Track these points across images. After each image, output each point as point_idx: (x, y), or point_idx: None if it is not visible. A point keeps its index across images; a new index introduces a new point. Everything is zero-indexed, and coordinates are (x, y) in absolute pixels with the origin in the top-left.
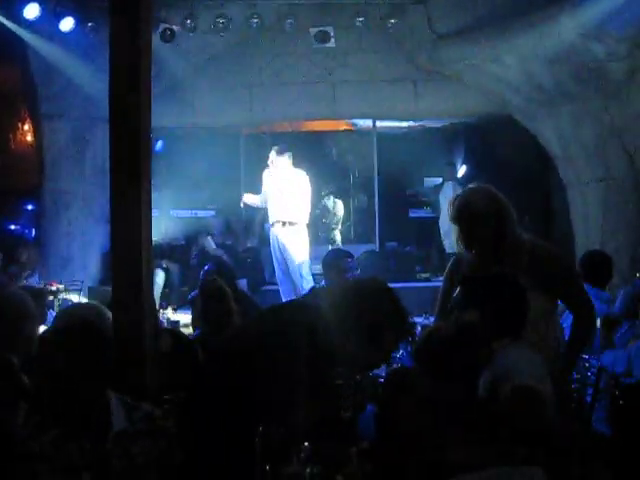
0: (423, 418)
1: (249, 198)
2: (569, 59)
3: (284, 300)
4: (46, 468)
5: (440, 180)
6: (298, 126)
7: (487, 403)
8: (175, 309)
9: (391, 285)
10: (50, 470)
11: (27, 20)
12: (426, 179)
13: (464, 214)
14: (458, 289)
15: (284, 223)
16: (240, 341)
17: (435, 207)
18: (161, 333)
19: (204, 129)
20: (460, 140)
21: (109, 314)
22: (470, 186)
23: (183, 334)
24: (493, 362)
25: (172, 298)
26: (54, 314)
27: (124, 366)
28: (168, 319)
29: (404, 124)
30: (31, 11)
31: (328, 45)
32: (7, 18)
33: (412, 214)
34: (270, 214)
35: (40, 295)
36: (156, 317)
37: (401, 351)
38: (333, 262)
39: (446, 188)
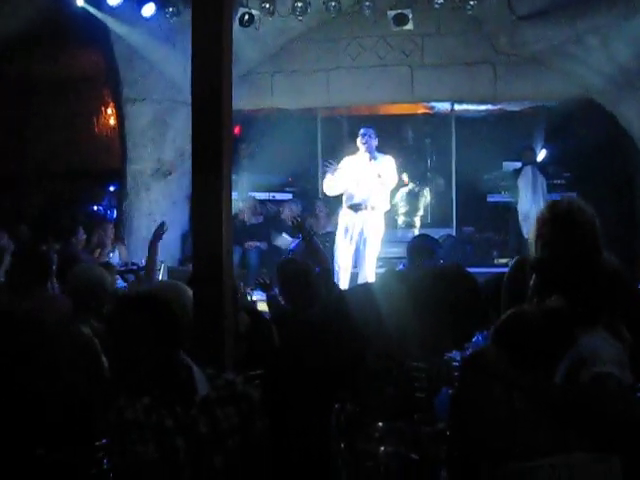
0: (500, 401)
1: (332, 188)
2: None
3: (357, 282)
4: (141, 435)
5: (519, 164)
6: (375, 109)
7: (566, 389)
8: (252, 289)
9: (468, 270)
10: (145, 436)
11: (110, 6)
12: (505, 163)
13: (570, 216)
14: (534, 276)
15: (367, 207)
16: (318, 322)
17: (513, 192)
18: (240, 311)
19: (282, 112)
20: (540, 124)
21: (189, 291)
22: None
23: (261, 314)
24: (573, 348)
25: (249, 279)
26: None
27: (204, 342)
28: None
29: (482, 107)
30: None
31: (406, 28)
32: (91, 5)
33: (490, 198)
34: (351, 196)
35: (109, 269)
36: (236, 296)
37: (477, 336)
38: (424, 248)
39: (525, 172)
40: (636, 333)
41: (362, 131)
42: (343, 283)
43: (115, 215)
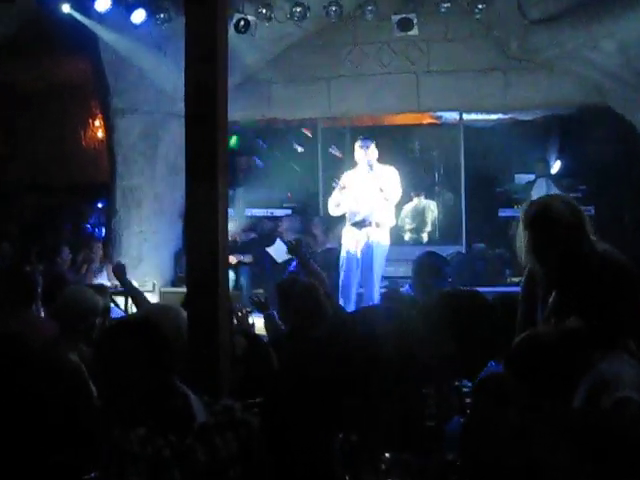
0: (514, 427)
1: (337, 208)
2: None
3: (362, 304)
4: (136, 467)
5: (532, 177)
6: (379, 120)
7: (586, 413)
8: (250, 311)
9: (479, 289)
10: (140, 469)
11: (98, 13)
12: (517, 176)
13: (541, 218)
14: (553, 295)
15: (371, 224)
16: (324, 345)
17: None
18: (236, 334)
19: (280, 123)
20: (554, 133)
21: (183, 313)
22: (548, 195)
23: (258, 337)
24: (593, 370)
25: (243, 300)
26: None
27: (199, 364)
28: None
29: (493, 117)
30: (102, 3)
31: (411, 33)
32: (78, 11)
33: (502, 213)
34: (354, 214)
35: (102, 292)
36: (231, 316)
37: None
38: (431, 267)
39: (539, 185)
40: None
41: (359, 143)
42: (347, 303)
43: (104, 233)
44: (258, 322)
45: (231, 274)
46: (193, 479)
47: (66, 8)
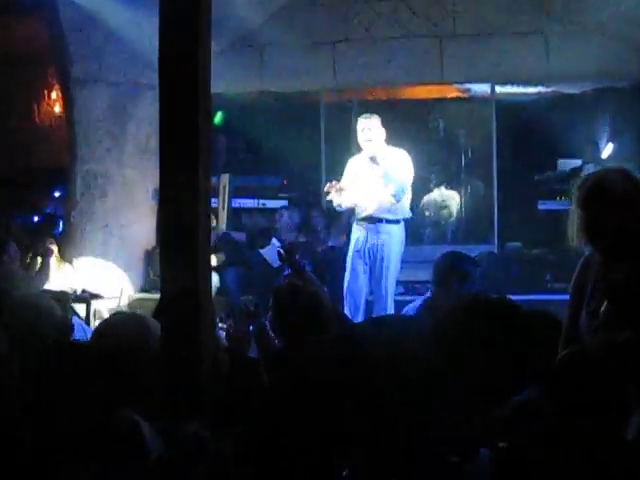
0: (553, 465)
1: (340, 205)
2: None
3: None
4: None
5: (579, 162)
6: (394, 93)
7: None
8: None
9: (513, 297)
10: None
11: None
12: (560, 161)
13: (597, 195)
14: (605, 304)
15: (380, 220)
16: (326, 363)
17: (572, 197)
18: (218, 353)
19: (275, 96)
20: (605, 110)
21: (151, 323)
22: (605, 167)
23: (244, 354)
24: None
25: (228, 307)
26: (81, 322)
27: (173, 384)
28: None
29: (532, 90)
30: None
31: None
32: None
33: (542, 206)
34: (361, 208)
35: (62, 300)
36: (215, 334)
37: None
38: (455, 270)
39: (587, 172)
40: None
41: (361, 123)
42: (355, 313)
43: (61, 227)
44: None
45: (214, 277)
46: None
47: None
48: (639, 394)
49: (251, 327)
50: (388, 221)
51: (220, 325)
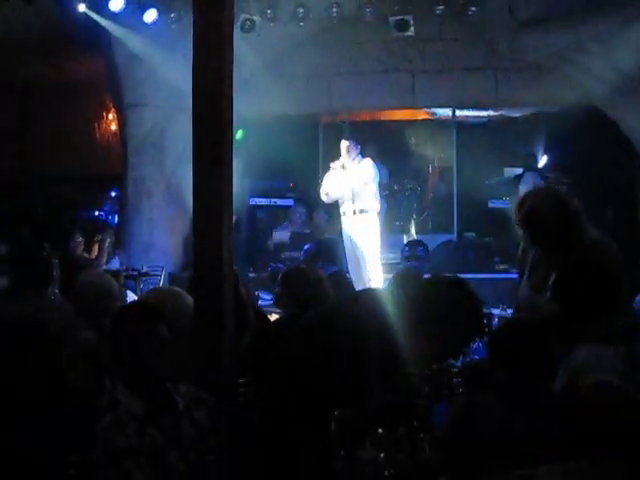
0: (497, 411)
1: (327, 194)
2: None
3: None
4: (136, 462)
5: (520, 170)
6: (377, 115)
7: (565, 397)
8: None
9: (469, 276)
10: (140, 462)
11: (112, 12)
12: (506, 169)
13: (530, 220)
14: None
15: (354, 212)
16: (317, 326)
17: (514, 198)
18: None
19: (283, 118)
20: (541, 130)
21: (186, 297)
22: (536, 188)
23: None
24: (572, 355)
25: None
26: (133, 296)
27: (204, 343)
28: None
29: (484, 113)
30: (116, 3)
31: (408, 34)
32: (92, 10)
33: (491, 204)
34: (342, 204)
35: (117, 277)
36: (239, 291)
37: (477, 342)
38: (407, 251)
39: (526, 178)
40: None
41: (344, 140)
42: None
43: (116, 221)
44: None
45: None
46: (185, 453)
47: (82, 7)
48: (564, 355)
49: None
50: (362, 211)
51: None
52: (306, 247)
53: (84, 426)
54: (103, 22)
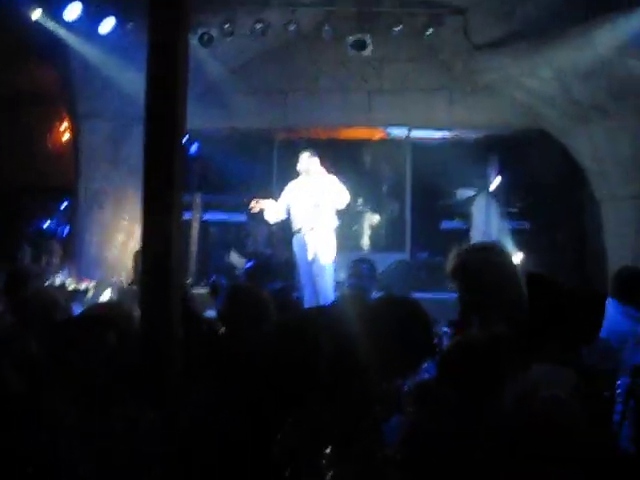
0: (447, 430)
1: (271, 213)
2: (606, 74)
3: (306, 306)
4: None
5: (473, 192)
6: (333, 133)
7: (514, 416)
8: None
9: (421, 295)
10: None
11: (67, 21)
12: (459, 190)
13: (457, 275)
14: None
15: (314, 228)
16: (267, 343)
17: (467, 218)
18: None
19: (239, 133)
20: (494, 152)
21: (128, 311)
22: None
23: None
24: (521, 374)
25: None
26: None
27: (150, 355)
28: None
29: (438, 134)
30: (71, 12)
31: (365, 53)
32: (47, 18)
33: (444, 225)
34: (297, 221)
35: (63, 290)
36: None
37: (427, 361)
38: (352, 268)
39: (479, 200)
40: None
41: (302, 154)
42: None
43: (66, 233)
44: None
45: None
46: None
47: (35, 15)
48: (512, 374)
49: None
50: (313, 229)
51: None
52: (247, 265)
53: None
54: (57, 30)
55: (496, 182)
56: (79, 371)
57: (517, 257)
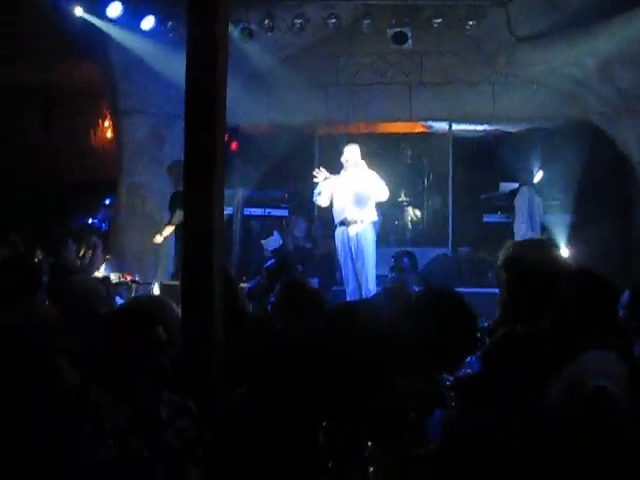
0: (491, 426)
1: (320, 198)
2: None
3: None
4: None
5: (516, 185)
6: (373, 127)
7: (561, 407)
8: None
9: (463, 290)
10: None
11: (110, 18)
12: (502, 184)
13: (509, 265)
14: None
15: (356, 222)
16: (307, 338)
17: (510, 212)
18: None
19: (280, 128)
20: (537, 145)
21: (174, 307)
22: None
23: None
24: (579, 361)
25: None
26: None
27: (191, 352)
28: None
29: (480, 128)
30: (114, 9)
31: (405, 46)
32: (90, 14)
33: (486, 219)
34: (340, 214)
35: (107, 283)
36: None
37: (471, 356)
38: (393, 262)
39: (522, 193)
40: None
41: (346, 148)
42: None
43: (109, 228)
44: None
45: None
46: (170, 466)
47: (79, 11)
48: (556, 370)
49: None
50: (361, 222)
51: None
52: (267, 264)
53: (65, 434)
54: (101, 25)
55: (539, 175)
56: (129, 365)
57: (563, 251)
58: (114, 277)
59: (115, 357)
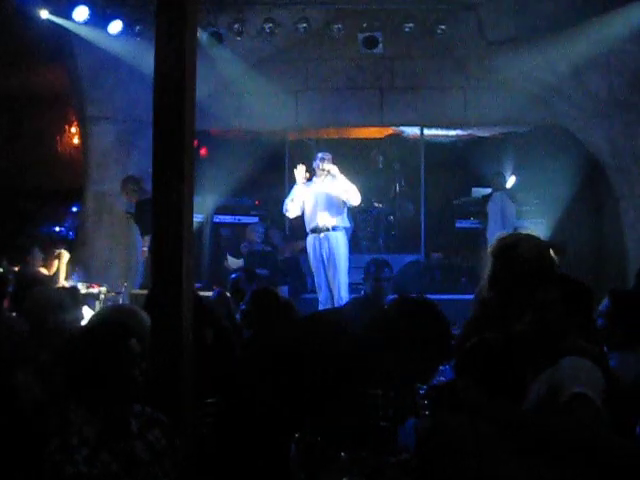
0: (466, 433)
1: (290, 210)
2: (624, 68)
3: (322, 308)
4: None
5: (489, 190)
6: (344, 133)
7: (537, 413)
8: None
9: (436, 296)
10: None
11: (76, 22)
12: (474, 189)
13: (502, 254)
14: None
15: (328, 229)
16: (282, 346)
17: (482, 218)
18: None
19: (250, 133)
20: (509, 150)
21: (145, 316)
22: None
23: (226, 329)
24: (557, 366)
25: None
26: (91, 312)
27: (161, 361)
28: None
29: (452, 133)
30: (80, 13)
31: (376, 51)
32: (57, 17)
33: (458, 224)
34: (311, 221)
35: (75, 293)
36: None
37: (444, 364)
38: (370, 271)
39: (494, 199)
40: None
41: (319, 155)
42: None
43: (76, 236)
44: None
45: None
46: (137, 476)
47: (45, 14)
48: (533, 373)
49: None
50: (333, 229)
51: None
52: (232, 277)
53: (33, 450)
54: (69, 26)
55: (512, 180)
56: (101, 380)
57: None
58: (81, 287)
59: (87, 371)
